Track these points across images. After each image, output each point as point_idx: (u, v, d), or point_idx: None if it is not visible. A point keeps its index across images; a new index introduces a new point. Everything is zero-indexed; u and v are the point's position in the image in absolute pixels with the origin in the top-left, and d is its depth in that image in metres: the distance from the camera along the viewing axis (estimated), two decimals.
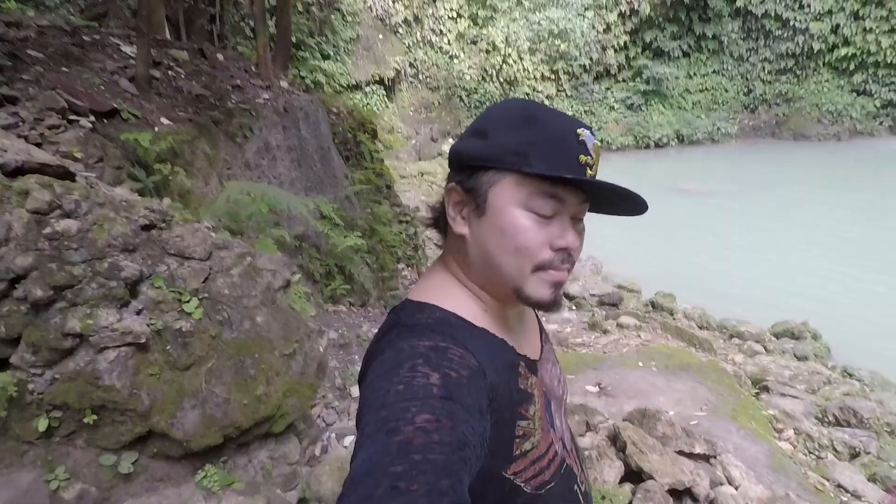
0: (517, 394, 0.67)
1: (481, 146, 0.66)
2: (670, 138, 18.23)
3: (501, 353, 0.68)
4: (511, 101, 0.70)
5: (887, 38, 16.34)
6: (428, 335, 0.61)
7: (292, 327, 1.99)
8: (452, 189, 0.68)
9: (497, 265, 0.67)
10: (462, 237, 0.69)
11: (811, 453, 3.88)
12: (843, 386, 4.89)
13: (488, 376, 0.62)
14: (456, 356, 0.59)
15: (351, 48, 17.92)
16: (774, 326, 6.29)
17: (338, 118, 5.08)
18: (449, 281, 0.71)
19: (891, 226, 9.67)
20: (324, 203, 3.38)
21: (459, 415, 0.53)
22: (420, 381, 0.54)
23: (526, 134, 0.65)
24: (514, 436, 0.66)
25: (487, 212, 0.66)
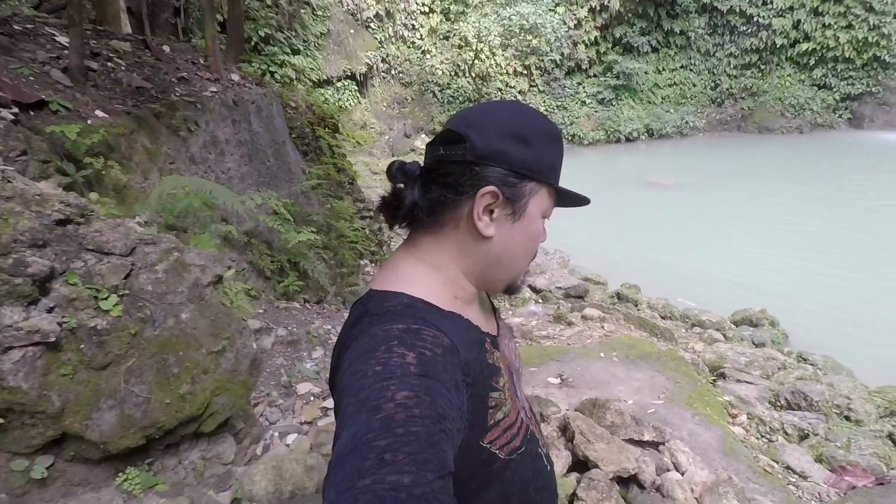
0: (487, 368, 0.71)
1: (531, 156, 0.70)
2: (640, 132, 18.48)
3: (469, 332, 0.71)
4: (534, 110, 0.75)
5: (845, 34, 16.84)
6: (399, 319, 0.63)
7: (222, 324, 1.93)
8: (490, 193, 0.69)
9: (515, 264, 0.74)
10: (486, 238, 0.71)
11: (763, 437, 3.98)
12: (797, 370, 5.02)
13: (461, 353, 0.65)
14: (429, 336, 0.61)
15: (321, 43, 17.69)
16: (734, 315, 6.43)
17: (295, 112, 4.98)
18: (418, 269, 0.72)
19: (847, 216, 9.99)
20: (272, 198, 3.31)
21: (437, 390, 0.55)
22: (396, 360, 0.56)
23: (556, 150, 0.74)
24: (488, 406, 0.69)
25: (524, 219, 0.72)
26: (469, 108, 0.74)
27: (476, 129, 0.69)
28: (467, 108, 0.75)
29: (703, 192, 12.27)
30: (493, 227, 0.71)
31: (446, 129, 0.72)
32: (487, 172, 0.69)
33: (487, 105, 0.74)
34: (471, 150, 0.69)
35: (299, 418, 2.53)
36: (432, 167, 0.72)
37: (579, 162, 17.29)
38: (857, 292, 7.07)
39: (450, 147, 0.70)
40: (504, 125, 0.70)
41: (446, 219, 0.72)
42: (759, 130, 18.03)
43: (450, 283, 0.73)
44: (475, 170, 0.69)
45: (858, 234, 9.04)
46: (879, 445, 3.71)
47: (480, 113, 0.72)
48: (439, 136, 0.73)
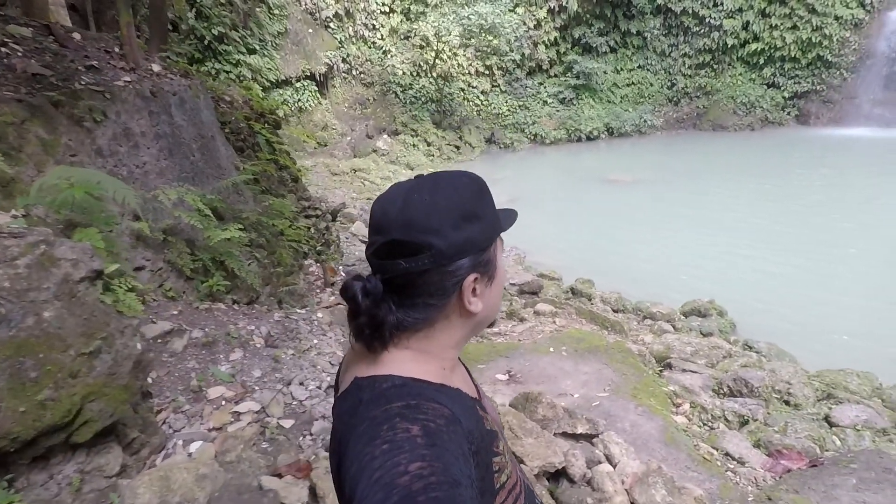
0: (487, 434, 0.72)
1: (486, 227, 0.72)
2: (601, 131, 18.76)
3: (463, 402, 0.72)
4: (455, 176, 0.74)
5: (790, 35, 17.50)
6: (396, 398, 0.63)
7: (98, 323, 1.76)
8: (473, 279, 0.71)
9: (496, 310, 0.78)
10: (473, 314, 0.73)
11: (705, 425, 3.99)
12: (742, 358, 5.09)
13: (463, 423, 0.65)
14: (430, 409, 0.61)
15: (279, 42, 17.33)
16: (684, 306, 6.51)
17: (230, 107, 4.78)
18: (403, 354, 0.71)
19: (793, 210, 10.31)
20: (190, 193, 3.12)
21: (447, 458, 0.55)
22: (402, 435, 0.56)
23: (491, 202, 0.75)
24: (493, 472, 0.71)
25: (496, 275, 0.75)
26: (401, 207, 0.69)
27: (431, 232, 0.67)
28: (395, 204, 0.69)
29: (659, 188, 12.50)
30: (479, 301, 0.73)
31: (392, 240, 0.68)
32: (463, 265, 0.70)
33: (418, 198, 0.69)
34: (438, 256, 0.67)
35: (207, 424, 2.36)
36: (400, 282, 0.69)
37: (542, 161, 17.44)
38: (802, 282, 7.27)
39: (412, 259, 0.67)
40: (452, 213, 0.69)
41: (436, 319, 0.72)
42: (714, 128, 18.55)
43: (435, 358, 0.73)
44: (451, 269, 0.69)
45: (803, 226, 9.33)
46: (815, 428, 3.76)
47: (422, 211, 0.68)
48: (387, 247, 0.68)
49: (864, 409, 3.99)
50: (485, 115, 19.48)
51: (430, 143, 17.87)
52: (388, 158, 17.12)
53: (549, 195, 12.37)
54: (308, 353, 3.20)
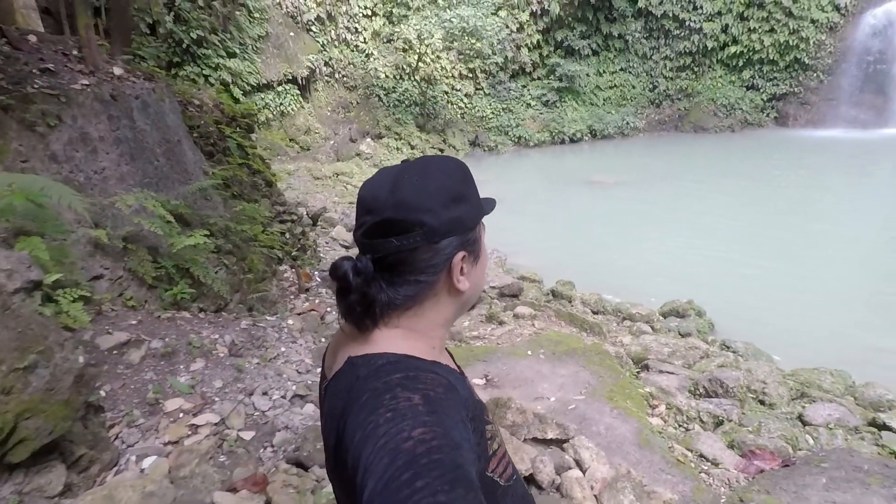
0: (477, 403, 0.76)
1: (472, 209, 0.76)
2: (584, 133, 18.86)
3: (454, 374, 0.75)
4: (443, 160, 0.78)
5: (768, 38, 17.76)
6: (394, 371, 0.65)
7: (34, 336, 1.68)
8: (462, 257, 0.74)
9: (480, 290, 0.81)
10: (461, 292, 0.76)
11: (680, 426, 3.98)
12: (719, 358, 5.10)
13: (460, 391, 0.69)
14: (428, 379, 0.64)
15: (260, 46, 17.19)
16: (663, 307, 6.53)
17: (199, 111, 4.69)
18: (393, 333, 0.73)
19: (772, 210, 10.43)
20: (150, 199, 3.04)
21: (449, 424, 0.58)
22: (404, 403, 0.58)
23: (474, 186, 0.78)
24: (486, 438, 0.74)
25: (480, 255, 0.79)
26: (392, 190, 0.71)
27: (422, 211, 0.70)
28: (384, 187, 0.72)
29: (641, 189, 12.58)
30: (466, 279, 0.76)
31: (386, 219, 0.70)
32: (453, 243, 0.73)
33: (407, 179, 0.72)
34: (429, 234, 0.70)
35: (163, 438, 2.28)
36: (392, 260, 0.71)
37: (526, 163, 17.48)
38: (780, 282, 7.33)
39: (404, 237, 0.70)
40: (442, 194, 0.72)
41: (426, 296, 0.74)
42: (695, 130, 18.75)
43: (426, 338, 0.75)
44: (441, 247, 0.72)
45: (782, 227, 9.43)
46: (788, 428, 3.77)
47: (413, 192, 0.71)
48: (379, 226, 0.71)
49: (836, 408, 4.02)
50: (469, 117, 19.49)
51: (413, 147, 17.82)
52: (372, 162, 17.05)
53: (531, 197, 12.38)
54: (274, 362, 3.13)
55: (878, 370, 5.12)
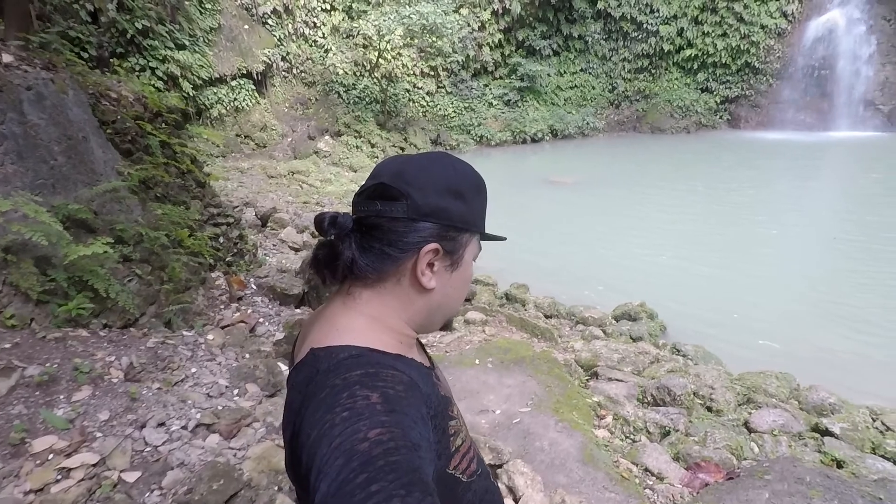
0: (441, 399, 0.76)
1: (466, 210, 0.75)
2: (545, 133, 18.91)
3: (419, 369, 0.74)
4: (464, 164, 0.78)
5: (721, 41, 18.24)
6: (355, 367, 0.63)
7: None
8: (434, 249, 0.72)
9: (453, 307, 0.81)
10: (428, 290, 0.74)
11: (627, 438, 3.85)
12: (669, 363, 5.03)
13: (421, 387, 0.68)
14: (388, 376, 0.63)
15: (212, 38, 16.52)
16: (615, 310, 6.46)
17: (116, 105, 4.27)
18: (359, 321, 0.72)
19: (723, 211, 10.61)
20: (30, 204, 2.67)
21: (407, 423, 0.57)
22: (361, 402, 0.57)
23: (485, 201, 0.82)
24: (449, 435, 0.74)
25: (460, 267, 0.78)
26: (401, 162, 0.75)
27: (415, 186, 0.71)
28: (398, 160, 0.76)
29: (599, 189, 12.65)
30: (434, 279, 0.74)
31: (381, 183, 0.72)
32: (430, 229, 0.72)
33: (419, 159, 0.75)
34: (412, 208, 0.71)
35: (23, 486, 1.95)
36: (370, 222, 0.72)
37: (487, 163, 17.36)
38: (731, 283, 7.39)
39: (388, 203, 0.71)
40: (441, 182, 0.73)
41: (388, 274, 0.73)
42: (652, 130, 19.08)
43: (392, 330, 0.74)
44: (418, 227, 0.71)
45: (733, 228, 9.59)
46: (733, 436, 3.68)
47: (415, 168, 0.73)
48: (372, 189, 0.73)
49: (781, 414, 3.97)
50: (430, 116, 19.26)
51: (373, 145, 17.47)
52: (330, 160, 16.62)
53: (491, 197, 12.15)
54: (181, 386, 2.81)
55: (823, 370, 5.17)
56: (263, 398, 3.06)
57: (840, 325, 6.05)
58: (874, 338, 5.75)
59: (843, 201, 11.23)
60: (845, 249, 8.41)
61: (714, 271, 7.76)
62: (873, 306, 6.43)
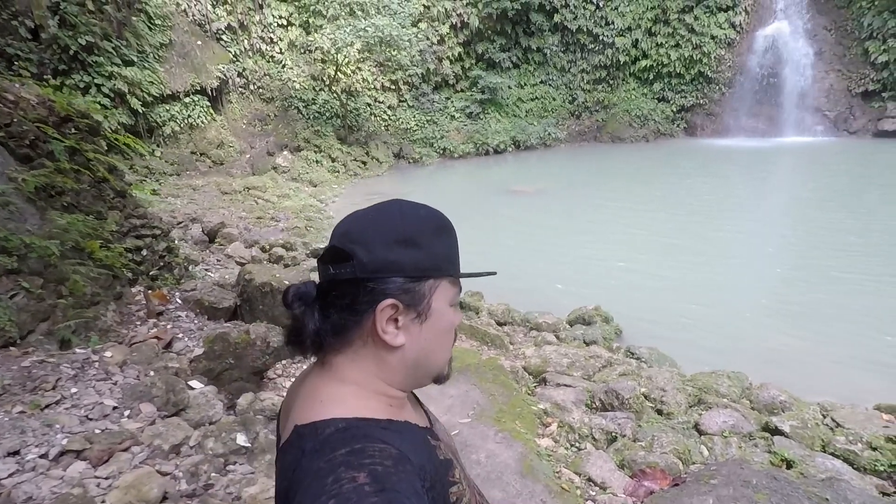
0: (441, 465, 0.71)
1: (422, 257, 0.70)
2: (507, 145, 18.96)
3: (413, 435, 0.71)
4: (415, 206, 0.75)
5: (674, 52, 18.72)
6: (340, 445, 0.60)
7: None
8: (390, 305, 0.68)
9: (435, 360, 0.75)
10: (398, 347, 0.70)
11: (572, 446, 3.62)
12: (622, 366, 4.85)
13: (413, 460, 0.64)
14: (375, 451, 0.60)
15: (163, 55, 16.04)
16: (570, 315, 6.29)
17: (13, 107, 3.92)
18: (342, 390, 0.70)
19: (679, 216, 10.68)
20: None
21: (398, 500, 0.54)
22: (348, 486, 0.54)
23: (449, 241, 0.75)
24: (451, 503, 0.70)
25: (431, 317, 0.72)
26: (350, 220, 0.73)
27: (360, 243, 0.69)
28: (348, 217, 0.74)
29: (559, 197, 12.66)
30: (401, 335, 0.70)
31: (332, 245, 0.71)
32: (382, 286, 0.68)
33: (366, 213, 0.73)
34: (359, 267, 0.68)
35: None
36: (326, 288, 0.71)
37: (450, 175, 17.27)
38: (686, 286, 7.33)
39: (339, 266, 0.69)
40: (388, 233, 0.70)
41: (353, 337, 0.71)
42: (612, 140, 19.35)
43: (378, 394, 0.71)
44: (369, 286, 0.68)
45: (689, 232, 9.64)
46: (681, 440, 3.50)
47: (361, 224, 0.71)
48: (325, 252, 0.72)
49: (731, 414, 3.82)
50: (393, 129, 19.12)
51: (334, 159, 17.18)
52: (290, 175, 16.24)
53: (453, 207, 11.89)
54: (53, 409, 2.46)
55: (777, 369, 5.09)
56: (158, 419, 2.72)
57: (793, 324, 6.02)
58: (826, 335, 5.73)
59: (792, 204, 11.48)
60: (796, 250, 8.52)
61: (670, 275, 7.71)
62: (825, 305, 6.44)
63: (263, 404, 3.63)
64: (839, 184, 12.30)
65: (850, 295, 6.61)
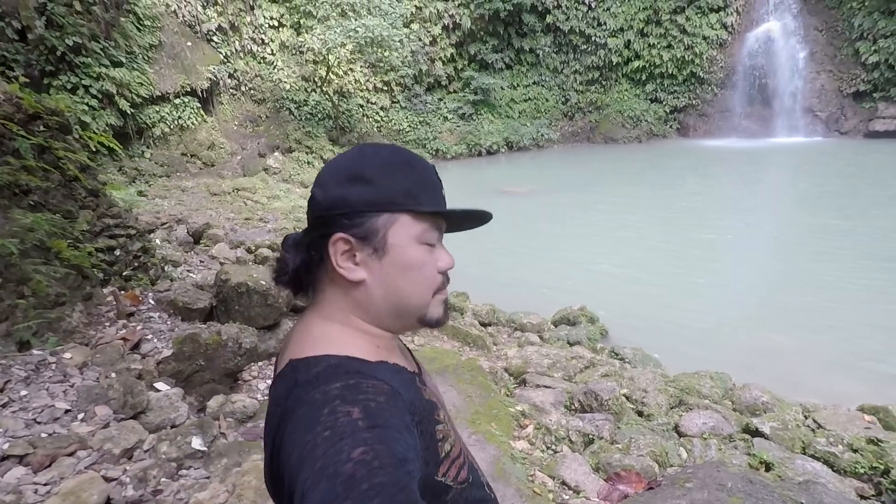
0: (427, 404, 0.74)
1: (369, 192, 0.70)
2: (500, 145, 18.92)
3: (402, 375, 0.72)
4: (379, 146, 0.75)
5: (667, 53, 18.73)
6: (334, 378, 0.62)
7: None
8: (340, 239, 0.70)
9: (406, 298, 0.73)
10: (360, 282, 0.72)
11: (548, 448, 3.54)
12: (604, 367, 4.77)
13: (403, 395, 0.66)
14: (369, 387, 0.61)
15: (152, 56, 15.93)
16: (555, 315, 6.22)
17: None
18: (331, 328, 0.72)
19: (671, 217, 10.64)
20: None
21: (391, 436, 0.55)
22: (343, 419, 0.55)
23: (410, 177, 0.74)
24: (437, 440, 0.72)
25: (390, 252, 0.71)
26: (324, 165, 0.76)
27: (318, 184, 0.73)
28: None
29: (550, 197, 12.61)
30: (360, 270, 0.71)
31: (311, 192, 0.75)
32: (334, 221, 0.70)
33: (336, 156, 0.76)
34: (316, 206, 0.72)
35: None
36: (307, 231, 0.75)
37: (443, 175, 16.70)
38: (676, 286, 7.27)
39: (308, 208, 0.74)
40: (340, 171, 0.72)
41: (321, 275, 0.74)
42: (605, 140, 19.33)
43: (365, 335, 0.73)
44: (320, 222, 0.72)
45: (680, 232, 9.59)
46: (659, 442, 3.41)
47: (326, 167, 0.74)
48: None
49: (711, 416, 3.74)
50: (385, 131, 19.06)
51: (326, 161, 17.07)
52: (281, 177, 16.15)
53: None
54: None
55: (759, 370, 5.03)
56: (113, 421, 2.63)
57: (780, 325, 5.96)
58: (812, 337, 5.68)
59: (783, 205, 11.45)
60: (785, 251, 8.48)
61: (658, 276, 7.66)
62: (812, 306, 6.39)
63: (234, 406, 3.54)
64: (829, 185, 12.28)
65: (837, 297, 6.56)
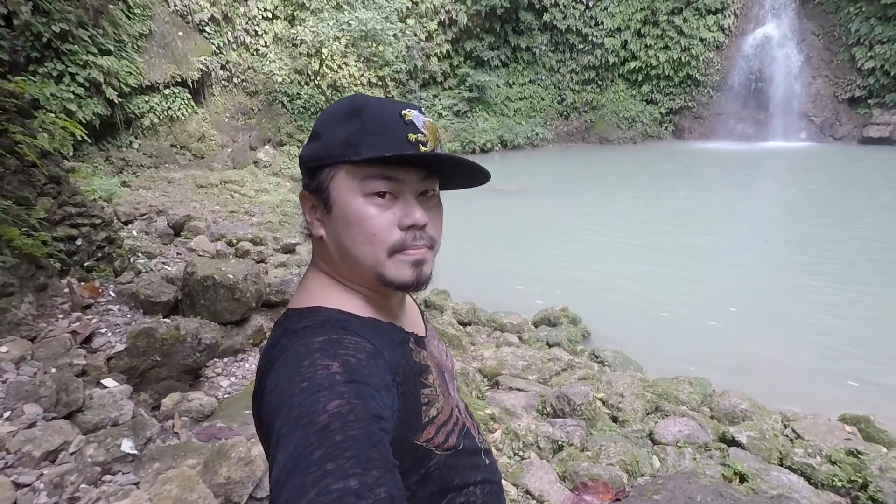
0: (415, 366, 0.73)
1: (316, 147, 0.71)
2: (495, 144, 18.76)
3: (391, 334, 0.72)
4: (342, 99, 0.72)
5: (663, 54, 18.61)
6: (319, 332, 0.63)
7: None
8: (303, 196, 0.74)
9: (353, 255, 0.70)
10: (321, 238, 0.73)
11: (516, 454, 3.38)
12: (582, 370, 4.62)
13: (386, 355, 0.66)
14: (351, 343, 0.61)
15: (142, 45, 15.68)
16: (536, 315, 6.06)
17: None
18: (326, 282, 0.74)
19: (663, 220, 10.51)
20: None
21: (367, 393, 0.55)
22: (322, 372, 0.56)
23: (353, 125, 0.68)
24: (421, 404, 0.70)
25: (333, 207, 0.70)
26: None
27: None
28: None
29: (542, 197, 12.49)
30: (321, 226, 0.73)
31: None
32: (303, 179, 0.74)
33: None
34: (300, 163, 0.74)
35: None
36: None
37: None
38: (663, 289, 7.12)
39: None
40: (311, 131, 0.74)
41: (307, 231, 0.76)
42: (600, 141, 19.20)
43: (348, 288, 0.73)
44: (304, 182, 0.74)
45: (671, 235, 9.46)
46: (630, 450, 3.26)
47: None
48: None
49: (687, 423, 3.59)
50: None
51: None
52: (270, 170, 15.94)
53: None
54: None
55: (741, 376, 4.89)
56: (40, 421, 2.46)
57: (765, 332, 5.83)
58: (797, 344, 5.54)
59: (774, 210, 11.34)
60: (774, 257, 8.35)
61: (645, 278, 7.52)
62: (798, 313, 6.27)
63: (191, 405, 3.38)
64: (822, 190, 12.18)
65: (824, 304, 6.44)
